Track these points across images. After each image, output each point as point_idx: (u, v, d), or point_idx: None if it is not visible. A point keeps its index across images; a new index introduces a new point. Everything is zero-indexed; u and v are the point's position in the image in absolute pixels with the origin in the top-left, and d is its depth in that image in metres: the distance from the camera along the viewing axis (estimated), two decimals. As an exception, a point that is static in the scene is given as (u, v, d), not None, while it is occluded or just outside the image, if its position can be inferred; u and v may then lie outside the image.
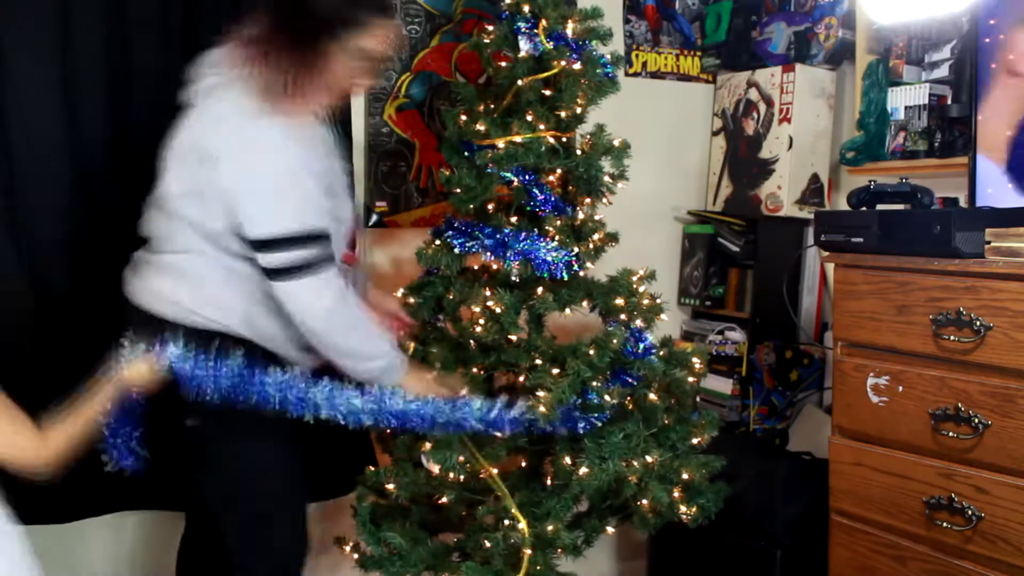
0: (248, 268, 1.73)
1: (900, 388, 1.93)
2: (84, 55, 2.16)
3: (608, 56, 2.05)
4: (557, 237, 1.94)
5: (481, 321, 1.96)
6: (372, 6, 1.74)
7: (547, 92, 2.00)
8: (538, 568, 1.84)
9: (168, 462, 1.95)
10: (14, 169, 2.14)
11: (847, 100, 2.73)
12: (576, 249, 1.95)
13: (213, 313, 1.74)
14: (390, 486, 1.99)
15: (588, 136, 2.02)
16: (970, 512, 1.79)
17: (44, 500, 2.22)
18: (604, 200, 2.06)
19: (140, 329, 1.73)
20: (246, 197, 1.67)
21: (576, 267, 1.96)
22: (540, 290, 1.98)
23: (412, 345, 2.01)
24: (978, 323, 1.77)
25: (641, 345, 1.92)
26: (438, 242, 2.03)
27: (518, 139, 1.93)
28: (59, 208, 2.17)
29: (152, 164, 2.21)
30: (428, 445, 1.94)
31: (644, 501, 1.88)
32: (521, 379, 1.98)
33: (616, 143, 2.02)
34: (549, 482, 1.96)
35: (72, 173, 2.18)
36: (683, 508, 1.95)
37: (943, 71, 2.38)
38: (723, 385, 2.81)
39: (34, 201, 2.15)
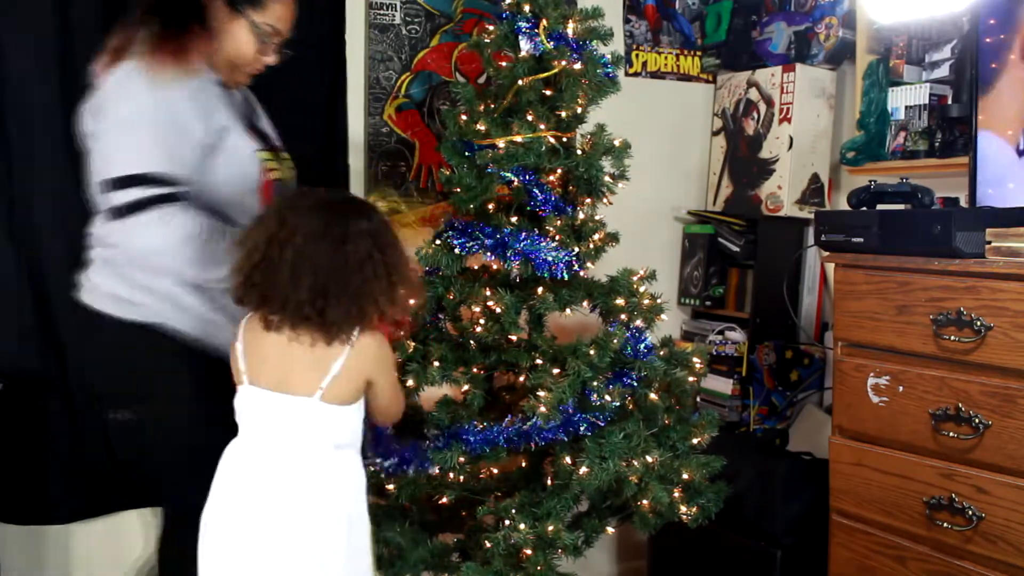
0: None
1: (900, 388, 1.93)
2: (84, 56, 2.15)
3: (609, 56, 2.05)
4: (557, 237, 1.94)
5: (481, 321, 1.95)
6: None
7: (547, 92, 2.00)
8: (538, 568, 1.84)
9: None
10: (13, 169, 2.14)
11: (847, 100, 2.73)
12: (576, 249, 1.95)
13: (143, 298, 1.74)
14: (390, 486, 1.99)
15: (588, 136, 2.02)
16: (970, 512, 1.79)
17: (44, 501, 2.22)
18: (604, 200, 2.06)
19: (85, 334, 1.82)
20: (94, 146, 1.74)
21: (576, 267, 1.96)
22: (540, 290, 1.98)
23: (412, 345, 2.01)
24: (978, 323, 1.77)
25: (641, 345, 1.92)
26: (438, 242, 2.03)
27: (518, 139, 1.93)
28: (58, 209, 2.17)
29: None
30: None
31: (644, 501, 1.88)
32: (521, 379, 1.98)
33: (616, 143, 2.02)
34: (549, 482, 1.96)
35: (72, 174, 2.17)
36: (683, 508, 1.95)
37: (943, 71, 2.38)
38: (723, 385, 2.81)
39: (33, 202, 2.15)
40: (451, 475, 1.97)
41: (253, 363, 1.58)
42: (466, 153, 2.03)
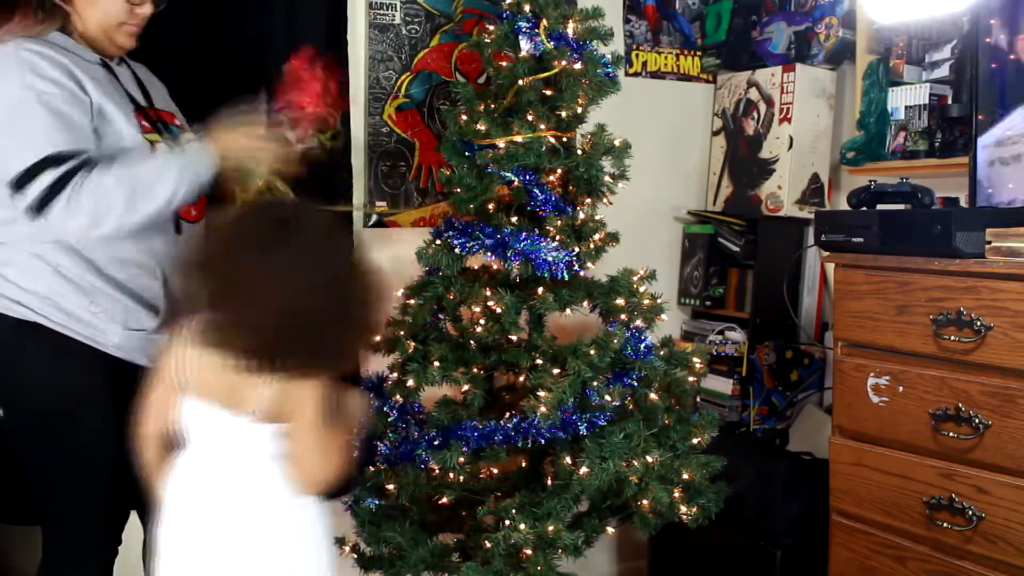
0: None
1: (900, 388, 1.93)
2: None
3: (609, 56, 2.05)
4: (558, 237, 1.94)
5: (482, 321, 1.95)
6: None
7: (548, 92, 2.00)
8: (538, 568, 1.84)
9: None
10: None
11: (847, 100, 2.73)
12: (576, 249, 1.95)
13: (24, 298, 1.67)
14: (390, 486, 1.99)
15: (589, 136, 2.02)
16: (970, 512, 1.79)
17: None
18: (604, 200, 2.06)
19: None
20: None
21: (576, 267, 1.96)
22: (540, 290, 1.97)
23: (412, 345, 2.01)
24: (978, 323, 1.77)
25: (641, 345, 1.92)
26: (438, 242, 2.03)
27: (518, 139, 1.93)
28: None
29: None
30: None
31: (644, 501, 1.88)
32: (521, 379, 1.98)
33: (617, 143, 2.02)
34: (549, 482, 1.96)
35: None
36: (683, 508, 1.95)
37: (943, 71, 2.38)
38: (723, 385, 2.81)
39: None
40: (451, 475, 1.97)
41: None
42: (466, 153, 2.03)
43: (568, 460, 1.88)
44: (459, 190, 2.03)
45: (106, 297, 1.70)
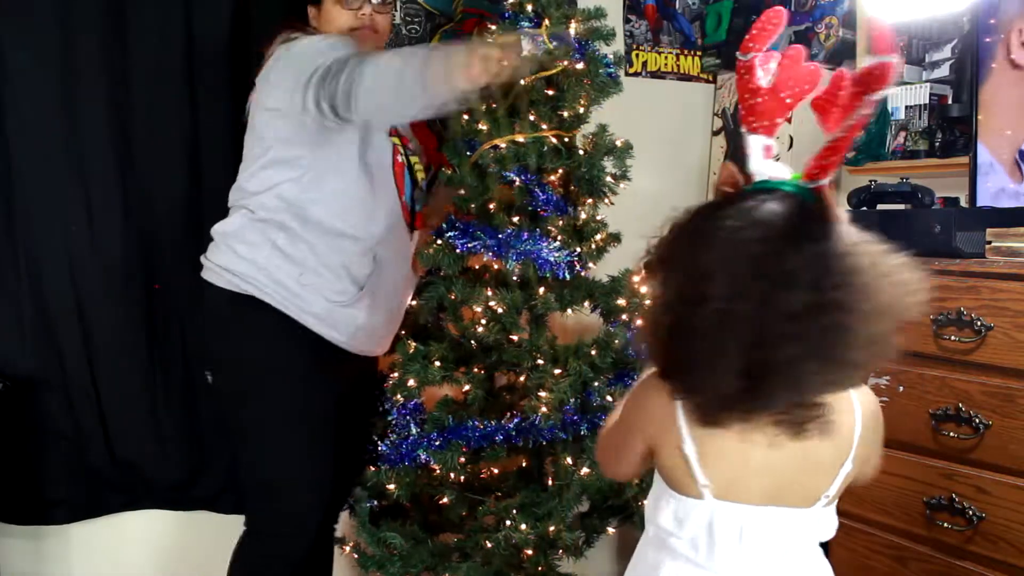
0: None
1: (900, 388, 1.94)
2: (83, 55, 2.15)
3: (611, 56, 2.05)
4: (559, 237, 1.94)
5: (483, 321, 1.96)
6: None
7: (549, 92, 2.00)
8: (539, 568, 1.84)
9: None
10: (12, 168, 2.14)
11: (847, 100, 2.73)
12: (578, 249, 1.95)
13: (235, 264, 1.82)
14: (390, 486, 1.99)
15: (590, 136, 2.02)
16: (971, 512, 1.80)
17: (43, 501, 2.22)
18: (606, 200, 2.06)
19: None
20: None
21: (578, 267, 1.96)
22: (542, 290, 1.98)
23: (413, 345, 2.01)
24: (979, 323, 1.77)
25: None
26: (439, 242, 2.03)
27: (520, 139, 1.93)
28: (57, 208, 2.17)
29: (150, 163, 2.21)
30: None
31: (645, 501, 1.88)
32: (522, 379, 1.98)
33: (618, 143, 2.02)
34: (550, 482, 1.96)
35: (70, 173, 2.18)
36: (684, 508, 1.94)
37: (944, 71, 2.38)
38: (723, 385, 2.81)
39: (32, 200, 2.15)
40: (451, 475, 1.97)
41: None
42: (468, 153, 2.03)
43: (569, 460, 1.88)
44: (460, 190, 2.03)
45: (314, 272, 1.82)
